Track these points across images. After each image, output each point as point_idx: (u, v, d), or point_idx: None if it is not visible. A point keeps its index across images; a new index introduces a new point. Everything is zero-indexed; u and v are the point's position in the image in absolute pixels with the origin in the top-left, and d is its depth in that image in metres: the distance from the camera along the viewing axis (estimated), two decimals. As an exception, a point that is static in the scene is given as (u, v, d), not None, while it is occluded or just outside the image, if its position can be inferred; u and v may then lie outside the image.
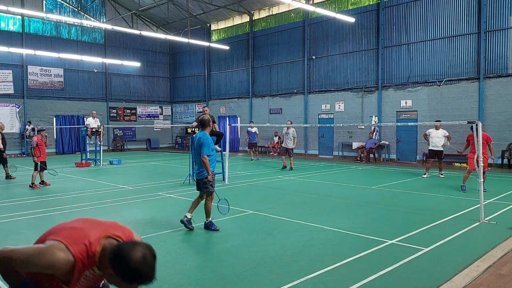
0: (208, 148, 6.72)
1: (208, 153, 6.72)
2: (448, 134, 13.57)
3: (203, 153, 6.70)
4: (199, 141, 6.78)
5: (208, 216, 6.91)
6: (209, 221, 6.89)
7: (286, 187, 11.75)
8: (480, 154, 7.63)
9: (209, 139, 6.81)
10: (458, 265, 5.08)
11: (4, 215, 8.12)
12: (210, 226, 6.85)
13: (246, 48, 26.54)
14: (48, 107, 26.01)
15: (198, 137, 6.85)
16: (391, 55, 19.90)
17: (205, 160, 6.69)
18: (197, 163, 6.94)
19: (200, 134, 6.89)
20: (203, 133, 6.91)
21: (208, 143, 6.74)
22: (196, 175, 7.02)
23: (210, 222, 6.87)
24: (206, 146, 6.72)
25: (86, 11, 27.21)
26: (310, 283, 4.56)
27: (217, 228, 6.83)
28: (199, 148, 6.78)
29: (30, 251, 2.18)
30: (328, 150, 22.56)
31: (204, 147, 6.71)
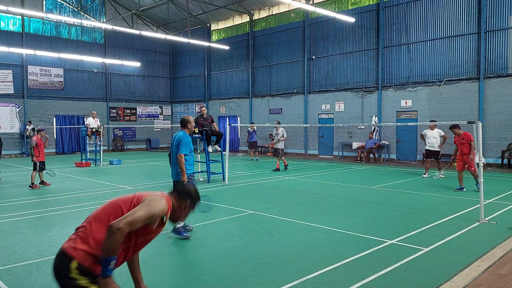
0: (186, 147, 6.44)
1: (185, 152, 6.42)
2: (444, 134, 13.51)
3: (180, 152, 6.39)
4: (179, 139, 6.47)
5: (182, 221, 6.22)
6: (181, 225, 6.31)
7: (286, 187, 11.75)
8: (480, 153, 7.62)
9: (189, 139, 6.55)
10: (458, 265, 5.08)
11: (4, 215, 8.12)
12: (181, 232, 6.32)
13: (246, 48, 26.54)
14: (48, 107, 26.01)
15: (178, 136, 6.54)
16: (391, 55, 19.90)
17: (181, 159, 6.37)
18: (173, 163, 6.63)
19: (180, 133, 6.58)
20: (184, 132, 6.61)
21: (187, 142, 6.46)
22: (175, 177, 6.65)
23: (182, 227, 6.34)
24: (185, 145, 6.43)
25: (86, 11, 27.21)
26: (310, 283, 4.56)
27: (188, 236, 6.33)
28: (176, 148, 6.48)
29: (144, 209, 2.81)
30: (328, 150, 22.56)
31: (182, 145, 6.40)
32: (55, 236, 6.52)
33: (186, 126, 6.69)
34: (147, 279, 4.68)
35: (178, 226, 6.27)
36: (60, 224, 7.36)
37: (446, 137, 13.58)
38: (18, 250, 5.82)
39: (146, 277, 4.74)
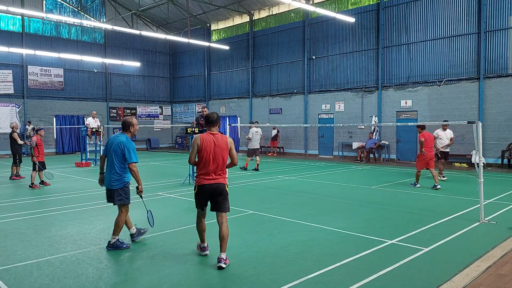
0: (135, 155, 5.90)
1: (136, 160, 5.89)
2: (452, 137, 13.15)
3: (132, 160, 5.82)
4: (121, 145, 5.81)
5: (117, 233, 5.83)
6: (116, 239, 5.81)
7: (286, 187, 11.75)
8: (480, 153, 7.62)
9: (133, 144, 5.96)
10: (458, 265, 5.08)
11: (4, 215, 8.12)
12: (119, 245, 5.81)
13: (246, 48, 26.54)
14: (48, 107, 26.02)
15: (120, 141, 5.84)
16: (391, 55, 19.90)
17: (135, 169, 5.86)
18: (111, 170, 5.90)
19: (122, 138, 5.89)
20: (126, 136, 5.95)
21: (133, 148, 5.89)
22: (107, 184, 5.96)
23: (118, 241, 5.83)
24: (133, 152, 5.85)
25: (86, 11, 27.22)
26: (310, 283, 4.56)
27: (128, 245, 5.92)
28: (119, 154, 5.84)
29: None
30: (328, 150, 22.56)
31: (131, 153, 5.83)
32: (55, 236, 6.52)
33: (128, 130, 6.06)
34: (147, 279, 4.69)
35: (113, 241, 5.81)
36: (60, 224, 7.36)
37: (453, 141, 13.25)
38: (18, 250, 5.82)
39: (146, 277, 4.75)
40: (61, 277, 4.81)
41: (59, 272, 4.97)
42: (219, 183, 5.26)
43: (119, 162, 5.87)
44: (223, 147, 5.27)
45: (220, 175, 5.30)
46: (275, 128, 23.64)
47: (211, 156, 5.20)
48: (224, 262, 5.07)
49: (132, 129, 6.08)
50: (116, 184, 5.90)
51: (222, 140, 5.29)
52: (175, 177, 13.84)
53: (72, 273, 4.95)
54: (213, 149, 5.21)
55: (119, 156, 5.85)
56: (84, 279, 4.73)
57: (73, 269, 5.10)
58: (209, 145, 5.20)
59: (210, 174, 5.23)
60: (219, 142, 5.24)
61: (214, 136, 5.28)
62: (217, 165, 5.25)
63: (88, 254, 5.63)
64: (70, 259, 5.44)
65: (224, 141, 5.29)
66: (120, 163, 5.88)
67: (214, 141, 5.23)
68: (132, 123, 6.08)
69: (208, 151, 5.20)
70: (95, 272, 4.94)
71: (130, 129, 6.07)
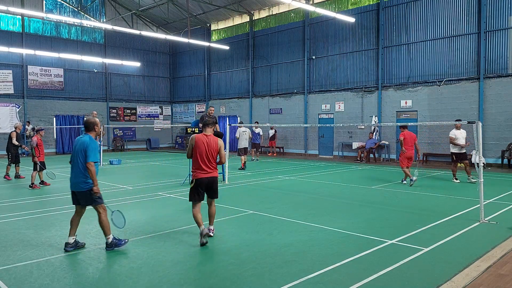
0: (95, 154, 5.73)
1: (95, 159, 5.72)
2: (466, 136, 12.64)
3: (90, 160, 5.63)
4: (83, 145, 5.70)
5: (108, 232, 5.79)
6: (112, 238, 5.79)
7: (286, 187, 11.75)
8: (480, 153, 7.62)
9: (96, 144, 5.83)
10: (458, 265, 5.08)
11: (4, 215, 8.12)
12: (117, 243, 5.79)
13: (246, 48, 26.54)
14: (48, 107, 26.02)
15: (82, 141, 5.75)
16: (391, 55, 19.90)
17: (92, 168, 5.63)
18: (78, 172, 5.76)
19: (85, 138, 5.79)
20: (89, 137, 5.84)
21: (95, 147, 5.76)
22: (74, 187, 5.80)
23: (114, 239, 5.81)
24: (93, 151, 5.72)
25: (86, 11, 27.22)
26: (310, 283, 4.56)
27: (126, 240, 5.90)
28: (82, 154, 5.70)
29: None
30: (328, 150, 22.56)
31: (90, 152, 5.67)
32: (55, 236, 6.52)
33: (93, 129, 5.93)
34: (147, 279, 4.69)
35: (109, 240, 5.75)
36: (60, 224, 7.36)
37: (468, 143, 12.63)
38: (18, 250, 5.82)
39: (146, 277, 4.75)
40: (61, 277, 4.81)
41: (59, 272, 4.97)
42: (213, 176, 6.29)
43: (83, 163, 5.69)
44: (214, 147, 6.26)
45: (213, 170, 6.30)
46: (272, 128, 23.63)
47: (203, 154, 6.18)
48: (212, 232, 6.39)
49: (96, 129, 5.96)
50: (84, 186, 5.72)
51: (214, 141, 6.28)
52: (175, 177, 13.84)
53: (72, 273, 4.95)
54: (205, 149, 6.20)
55: (83, 156, 5.70)
56: (84, 279, 4.73)
57: (73, 269, 5.10)
58: (202, 145, 6.20)
59: (204, 169, 6.19)
60: (211, 143, 6.25)
61: (207, 137, 6.27)
62: (209, 161, 6.22)
63: (88, 254, 5.63)
64: (70, 259, 5.45)
65: (215, 142, 6.29)
66: (83, 165, 5.70)
67: (206, 141, 6.23)
68: (95, 122, 5.96)
69: (201, 150, 6.19)
70: (95, 272, 4.94)
71: (95, 129, 5.95)
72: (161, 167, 17.91)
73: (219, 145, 6.32)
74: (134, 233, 6.68)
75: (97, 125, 5.99)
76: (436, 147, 18.38)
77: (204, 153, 6.17)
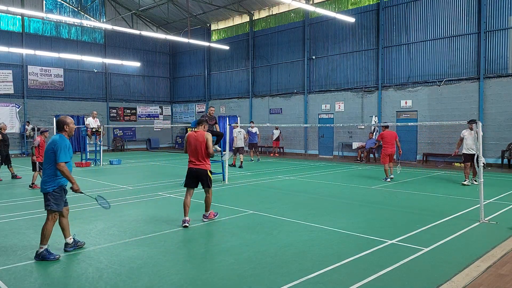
0: (65, 154, 5.42)
1: (65, 159, 5.41)
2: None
3: (60, 160, 5.36)
4: (52, 145, 5.45)
5: (44, 242, 5.41)
6: (43, 249, 5.38)
7: (286, 187, 11.75)
8: (480, 153, 7.62)
9: (66, 144, 5.50)
10: (458, 265, 5.08)
11: (4, 215, 8.12)
12: (47, 256, 5.34)
13: (246, 48, 26.54)
14: (48, 107, 26.02)
15: (52, 141, 5.50)
16: (391, 55, 19.90)
17: (62, 168, 5.37)
18: (44, 173, 5.54)
19: (55, 137, 5.55)
20: (60, 135, 5.58)
21: (64, 146, 5.44)
22: (41, 188, 5.56)
23: (46, 251, 5.39)
24: (63, 150, 5.40)
25: (86, 11, 27.22)
26: (310, 283, 4.56)
27: (57, 256, 5.40)
28: (51, 154, 5.44)
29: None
30: (328, 150, 22.56)
31: (60, 152, 5.38)
32: (55, 236, 6.51)
33: (63, 129, 5.63)
34: (147, 279, 4.69)
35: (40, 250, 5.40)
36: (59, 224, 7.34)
37: None
38: (18, 250, 5.82)
39: (145, 277, 4.75)
40: (61, 277, 4.81)
41: (59, 272, 4.97)
42: (200, 168, 7.23)
43: (49, 163, 5.48)
44: (200, 140, 7.18)
45: (202, 162, 7.23)
46: (277, 128, 23.61)
47: (193, 147, 7.20)
48: (206, 218, 7.49)
49: (67, 128, 5.64)
50: (45, 188, 5.46)
51: (200, 135, 7.23)
52: (175, 177, 13.84)
53: (72, 273, 4.95)
54: (193, 143, 7.23)
55: (50, 157, 5.46)
56: (84, 279, 4.73)
57: (73, 269, 5.10)
58: (192, 140, 7.27)
59: (193, 161, 7.24)
60: (198, 137, 7.23)
61: (196, 133, 7.32)
62: (197, 154, 7.20)
63: (88, 254, 5.63)
64: (70, 259, 5.44)
65: (201, 135, 7.21)
66: (50, 165, 5.47)
67: (195, 137, 7.27)
68: (66, 121, 5.64)
69: (191, 144, 7.26)
70: (95, 272, 4.94)
71: (65, 128, 5.63)
72: (161, 167, 17.91)
73: (206, 138, 7.17)
74: (134, 233, 6.68)
75: (68, 124, 5.63)
76: (436, 147, 18.38)
77: (193, 147, 7.19)
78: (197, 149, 7.14)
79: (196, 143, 7.15)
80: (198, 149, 7.14)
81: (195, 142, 7.17)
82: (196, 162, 7.18)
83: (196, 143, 7.15)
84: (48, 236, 5.46)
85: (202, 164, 7.20)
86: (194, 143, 7.17)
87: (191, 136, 7.26)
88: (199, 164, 7.19)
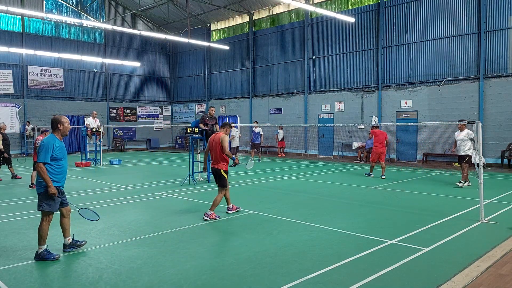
0: (45, 154, 5.32)
1: (44, 160, 5.31)
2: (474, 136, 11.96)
3: (39, 160, 5.33)
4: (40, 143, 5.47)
5: (42, 243, 5.41)
6: (43, 249, 5.40)
7: (286, 187, 11.75)
8: (480, 154, 7.62)
9: (49, 144, 5.39)
10: (458, 265, 5.08)
11: (4, 215, 8.12)
12: (46, 256, 5.35)
13: (246, 48, 26.54)
14: (48, 107, 26.01)
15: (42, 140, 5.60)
16: (391, 55, 19.90)
17: (39, 168, 5.30)
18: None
19: (46, 137, 5.58)
20: (51, 135, 5.55)
21: (47, 147, 5.35)
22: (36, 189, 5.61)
23: (45, 251, 5.41)
24: (44, 150, 5.33)
25: (86, 11, 27.22)
26: (310, 283, 4.56)
27: (57, 256, 5.41)
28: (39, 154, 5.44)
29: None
30: (328, 150, 22.56)
31: (41, 151, 5.34)
32: (55, 236, 6.52)
33: (56, 128, 5.56)
34: (147, 279, 4.69)
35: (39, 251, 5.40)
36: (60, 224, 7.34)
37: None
38: (18, 250, 5.82)
39: (146, 277, 4.75)
40: (61, 277, 4.81)
41: (59, 272, 4.97)
42: (215, 167, 7.85)
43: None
44: (217, 141, 7.83)
45: (218, 162, 7.82)
46: (282, 128, 23.45)
47: (212, 148, 7.92)
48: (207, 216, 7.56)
49: (61, 127, 5.52)
50: (38, 188, 5.47)
51: (217, 136, 7.90)
52: (175, 177, 13.84)
53: (72, 273, 4.95)
54: (212, 144, 7.93)
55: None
56: (84, 279, 4.73)
57: (73, 269, 5.10)
58: (211, 141, 8.04)
59: (212, 161, 7.96)
60: (215, 139, 7.91)
61: (215, 135, 7.97)
62: (214, 154, 7.86)
63: (88, 254, 5.63)
64: (70, 259, 5.44)
65: (218, 137, 7.86)
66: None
67: (213, 138, 7.95)
68: (61, 120, 5.53)
69: (211, 144, 8.00)
70: (95, 272, 4.94)
71: (59, 127, 5.52)
72: (161, 167, 17.90)
73: (221, 140, 7.77)
74: (134, 233, 6.68)
75: (62, 123, 5.52)
76: (436, 147, 18.38)
77: (212, 148, 7.94)
78: (214, 150, 7.85)
79: (214, 143, 7.86)
80: (214, 149, 7.83)
81: (213, 143, 7.90)
82: (214, 161, 7.88)
83: (214, 143, 7.86)
84: (45, 236, 5.44)
85: (217, 164, 7.82)
86: (213, 144, 7.90)
87: (211, 138, 8.09)
88: (215, 164, 7.84)
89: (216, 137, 7.88)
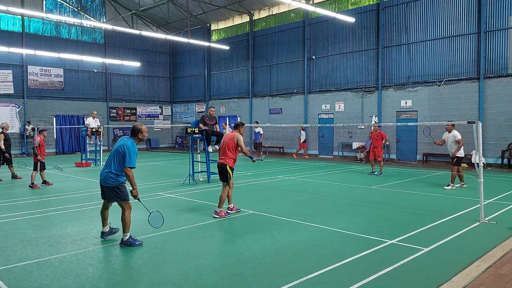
0: (135, 160, 5.87)
1: (134, 165, 5.89)
2: (460, 139, 11.18)
3: (129, 164, 5.87)
4: (123, 148, 5.92)
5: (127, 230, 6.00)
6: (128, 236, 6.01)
7: (286, 187, 11.75)
8: (480, 154, 7.62)
9: (136, 150, 5.98)
10: (458, 265, 5.08)
11: (4, 215, 8.12)
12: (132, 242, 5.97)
13: (246, 48, 26.54)
14: (48, 107, 26.01)
15: (124, 143, 6.00)
16: (391, 55, 19.90)
17: (129, 172, 5.88)
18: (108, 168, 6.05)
19: (128, 142, 6.02)
20: (132, 141, 6.07)
21: (134, 153, 5.92)
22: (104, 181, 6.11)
23: (131, 238, 6.02)
24: (133, 156, 5.85)
25: (86, 11, 27.21)
26: (310, 283, 4.56)
27: (141, 242, 5.98)
28: (120, 155, 5.93)
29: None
30: (328, 150, 22.56)
31: (131, 157, 5.84)
32: (55, 236, 6.52)
33: (137, 136, 6.11)
34: (147, 279, 4.69)
35: (125, 238, 5.91)
36: (60, 224, 7.36)
37: (461, 142, 11.22)
38: (18, 250, 5.82)
39: (146, 277, 4.75)
40: (61, 277, 4.81)
41: (59, 272, 4.97)
42: (222, 162, 8.06)
43: (117, 163, 5.94)
44: (231, 138, 8.14)
45: (224, 157, 8.08)
46: (303, 129, 21.98)
47: (224, 145, 8.18)
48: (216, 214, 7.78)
49: (140, 136, 6.12)
50: (110, 182, 5.98)
51: (231, 134, 8.21)
52: (175, 177, 13.84)
53: (72, 273, 4.95)
54: (225, 141, 8.22)
55: (119, 157, 5.91)
56: (84, 279, 4.73)
57: (73, 269, 5.10)
58: (224, 138, 8.34)
59: (220, 156, 8.21)
60: (230, 136, 8.21)
61: (230, 133, 8.30)
62: (223, 150, 8.14)
63: (88, 254, 5.63)
64: (70, 259, 5.45)
65: (232, 136, 8.16)
66: (117, 164, 5.95)
67: (228, 135, 8.28)
68: (141, 129, 6.12)
69: (223, 141, 8.28)
70: (95, 272, 4.94)
71: (139, 136, 6.11)
72: (161, 167, 17.90)
73: (236, 138, 8.08)
74: (134, 233, 6.67)
75: (142, 132, 6.12)
76: (436, 147, 18.35)
77: (223, 144, 8.19)
78: (224, 147, 8.10)
79: (227, 140, 8.13)
80: (225, 146, 8.08)
81: (226, 140, 8.16)
82: (221, 156, 8.11)
83: (227, 140, 8.13)
84: (129, 223, 6.01)
85: (224, 159, 8.03)
86: (226, 141, 8.15)
87: (225, 135, 8.40)
88: (222, 159, 8.05)
89: (231, 134, 8.13)
